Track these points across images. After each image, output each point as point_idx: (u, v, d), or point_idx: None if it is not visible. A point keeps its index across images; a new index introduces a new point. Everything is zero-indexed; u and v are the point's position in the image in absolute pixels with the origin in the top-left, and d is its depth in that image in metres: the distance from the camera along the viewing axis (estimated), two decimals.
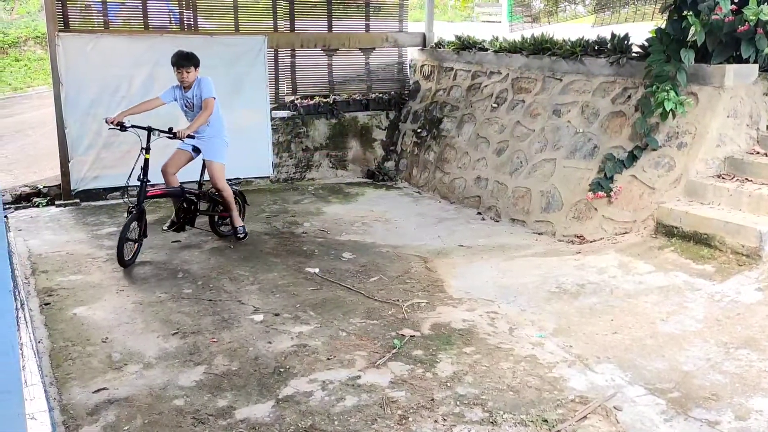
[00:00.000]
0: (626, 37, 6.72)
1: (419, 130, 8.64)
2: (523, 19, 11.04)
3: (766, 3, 5.49)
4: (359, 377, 3.66)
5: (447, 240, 6.27)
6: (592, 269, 5.16)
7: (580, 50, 6.96)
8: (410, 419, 3.27)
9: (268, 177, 8.30)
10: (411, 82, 9.24)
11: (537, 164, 6.83)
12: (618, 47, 6.70)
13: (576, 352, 3.95)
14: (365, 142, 8.99)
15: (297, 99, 8.70)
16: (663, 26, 6.02)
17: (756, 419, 3.26)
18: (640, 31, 6.78)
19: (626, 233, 5.75)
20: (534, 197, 6.68)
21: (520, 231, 6.53)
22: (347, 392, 3.51)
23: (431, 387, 3.55)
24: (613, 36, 6.84)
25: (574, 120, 6.71)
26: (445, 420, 3.26)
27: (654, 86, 5.79)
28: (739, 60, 5.74)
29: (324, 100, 8.80)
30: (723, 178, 5.62)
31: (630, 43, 6.67)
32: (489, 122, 7.67)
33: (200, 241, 6.00)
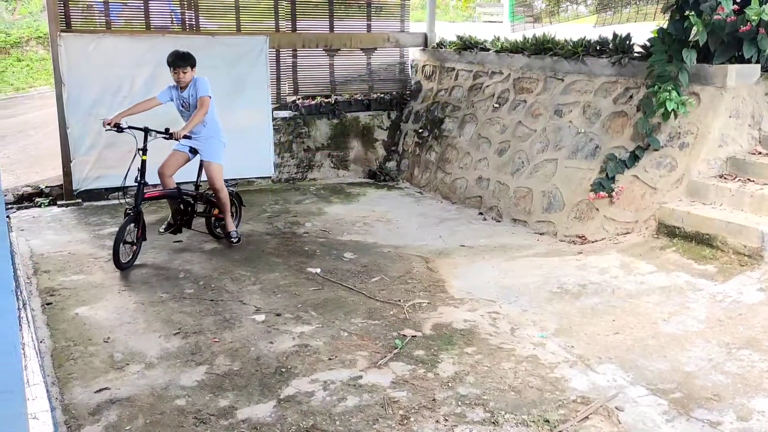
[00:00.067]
0: (628, 37, 6.71)
1: (421, 131, 8.64)
2: (525, 19, 11.05)
3: None
4: (361, 377, 3.66)
5: (448, 240, 6.27)
6: (594, 269, 5.16)
7: (582, 50, 6.95)
8: (412, 419, 3.27)
9: (270, 177, 8.31)
10: (412, 82, 9.24)
11: (538, 164, 6.83)
12: (620, 47, 6.70)
13: (577, 353, 3.95)
14: (367, 143, 8.99)
15: (298, 99, 8.71)
16: (665, 26, 6.01)
17: (758, 420, 3.26)
18: (642, 31, 6.78)
19: (628, 233, 5.74)
20: (535, 197, 6.67)
21: (522, 231, 6.53)
22: (349, 392, 3.51)
23: (433, 387, 3.55)
24: (615, 36, 6.83)
25: (576, 120, 6.71)
26: (447, 420, 3.26)
27: (656, 86, 5.78)
28: (741, 60, 5.74)
29: (325, 100, 8.80)
30: (725, 179, 5.61)
31: (632, 43, 6.67)
32: (490, 122, 7.67)
33: (202, 242, 6.00)
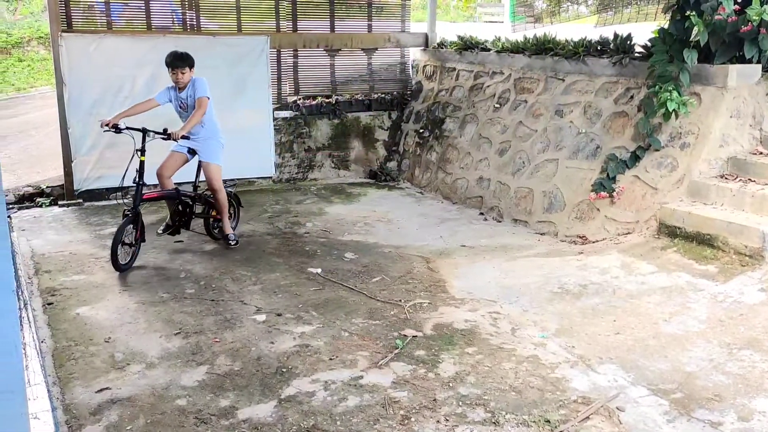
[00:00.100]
0: (629, 37, 6.71)
1: (421, 131, 8.64)
2: (526, 20, 11.04)
3: None
4: (361, 377, 3.66)
5: (449, 240, 6.27)
6: (595, 270, 5.16)
7: (583, 50, 6.95)
8: (412, 419, 3.27)
9: (271, 177, 8.31)
10: (413, 83, 9.24)
11: (539, 164, 6.83)
12: (621, 47, 6.69)
13: (578, 353, 3.95)
14: (367, 143, 8.99)
15: (299, 99, 8.71)
16: (666, 26, 6.01)
17: (759, 420, 3.26)
18: (643, 31, 6.78)
19: (629, 234, 5.74)
20: (536, 197, 6.67)
21: (523, 231, 6.53)
22: (349, 392, 3.51)
23: (433, 387, 3.55)
24: (616, 36, 6.83)
25: (577, 120, 6.70)
26: (448, 420, 3.26)
27: (657, 86, 5.78)
28: (742, 60, 5.73)
29: (326, 101, 8.80)
30: (726, 179, 5.61)
31: (633, 44, 6.66)
32: (491, 122, 7.67)
33: (202, 242, 6.01)
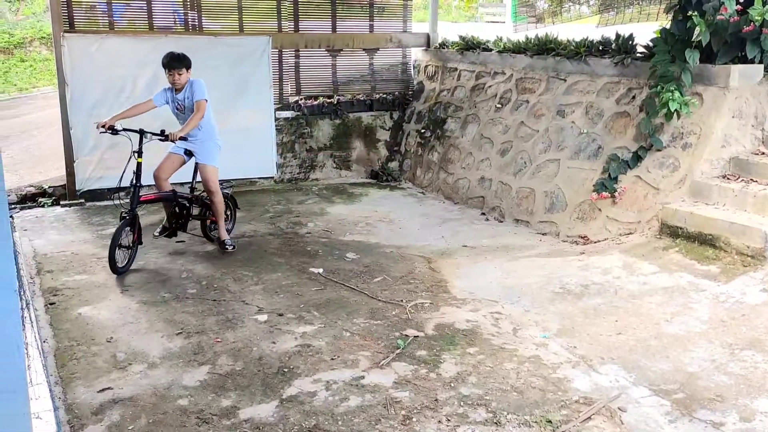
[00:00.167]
0: (631, 38, 6.70)
1: (423, 131, 8.64)
2: (528, 20, 11.02)
3: None
4: (363, 377, 3.66)
5: (451, 240, 6.27)
6: (597, 270, 5.15)
7: (585, 50, 6.94)
8: (414, 419, 3.27)
9: (272, 177, 8.31)
10: (415, 83, 9.23)
11: (541, 165, 6.82)
12: (622, 47, 6.69)
13: (580, 353, 3.95)
14: (369, 143, 8.99)
15: (301, 99, 8.71)
16: (668, 26, 6.01)
17: (761, 421, 3.25)
18: (645, 32, 6.77)
19: (630, 234, 5.74)
20: (538, 198, 6.67)
21: (524, 231, 6.53)
22: (351, 392, 3.51)
23: (435, 387, 3.55)
24: (618, 36, 6.82)
25: (579, 120, 6.70)
26: (449, 420, 3.26)
27: (659, 86, 5.78)
28: (745, 60, 5.73)
29: (328, 101, 8.80)
30: (728, 179, 5.60)
31: (634, 44, 6.66)
32: (493, 123, 7.67)
33: (204, 242, 6.00)
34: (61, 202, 7.28)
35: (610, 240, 5.79)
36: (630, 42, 6.68)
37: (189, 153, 5.60)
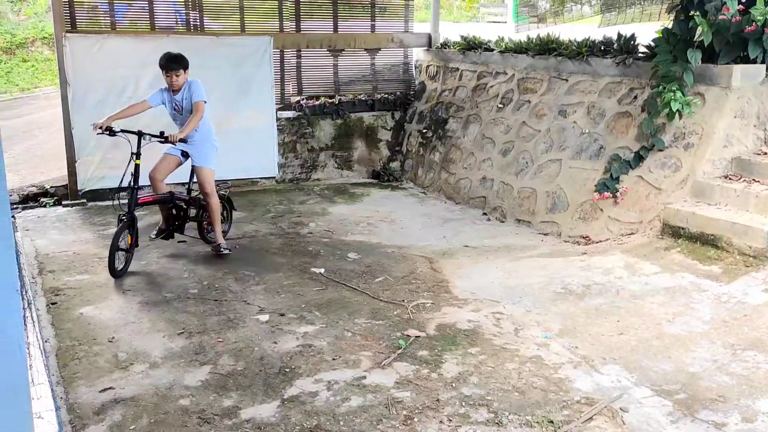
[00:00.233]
0: (632, 38, 6.69)
1: (425, 131, 8.63)
2: (529, 20, 11.02)
3: None
4: (364, 377, 3.66)
5: (452, 240, 6.26)
6: (598, 270, 5.15)
7: (586, 50, 6.94)
8: (415, 420, 3.26)
9: (274, 177, 8.31)
10: (416, 83, 9.23)
11: (543, 165, 6.82)
12: (624, 47, 6.68)
13: (582, 353, 3.94)
14: (370, 143, 8.99)
15: (303, 99, 8.72)
16: (670, 26, 6.00)
17: (763, 421, 3.25)
18: (647, 32, 6.76)
19: (632, 234, 5.73)
20: (539, 198, 6.66)
21: (526, 232, 6.52)
22: (352, 392, 3.51)
23: (436, 387, 3.55)
24: (620, 36, 6.82)
25: (580, 120, 6.69)
26: (451, 420, 3.26)
27: (660, 87, 5.77)
28: (747, 60, 5.72)
29: (329, 101, 8.81)
30: (730, 179, 5.59)
31: (636, 44, 6.65)
32: (494, 123, 7.66)
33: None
34: (63, 202, 7.29)
35: (612, 240, 5.79)
36: (632, 42, 6.68)
37: (185, 154, 5.50)
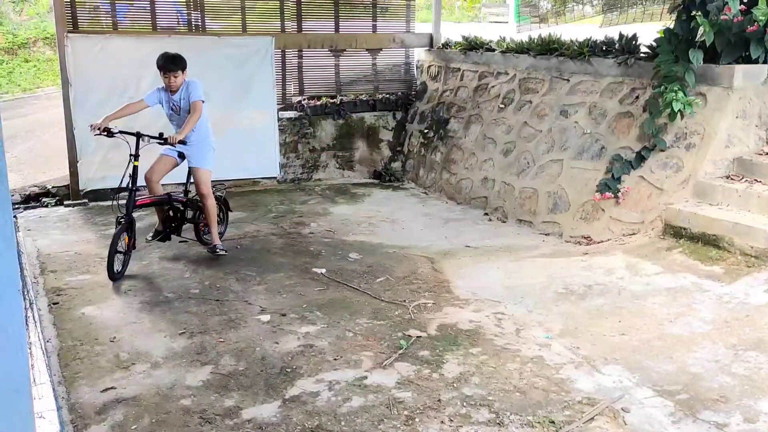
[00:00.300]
0: (634, 38, 6.69)
1: (426, 131, 8.63)
2: (531, 20, 11.02)
3: None
4: (366, 378, 3.66)
5: (454, 241, 6.26)
6: (600, 270, 5.14)
7: (588, 51, 6.93)
8: (417, 420, 3.26)
9: (275, 177, 8.31)
10: (418, 83, 9.23)
11: (544, 165, 6.81)
12: (626, 47, 6.68)
13: (583, 354, 3.94)
14: (372, 143, 8.99)
15: (304, 99, 8.72)
16: (671, 26, 5.99)
17: (765, 422, 3.24)
18: (648, 32, 6.75)
19: (634, 234, 5.73)
20: (541, 198, 6.66)
21: (527, 232, 6.52)
22: (354, 393, 3.51)
23: (438, 388, 3.55)
24: (621, 36, 6.81)
25: (582, 121, 6.69)
26: (452, 421, 3.26)
27: (662, 87, 5.76)
28: (748, 60, 5.71)
29: (331, 101, 8.80)
30: (732, 179, 5.59)
31: (638, 44, 6.64)
32: (496, 123, 7.66)
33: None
34: (65, 202, 7.30)
35: (614, 240, 5.78)
36: (633, 42, 6.67)
37: (182, 155, 5.44)
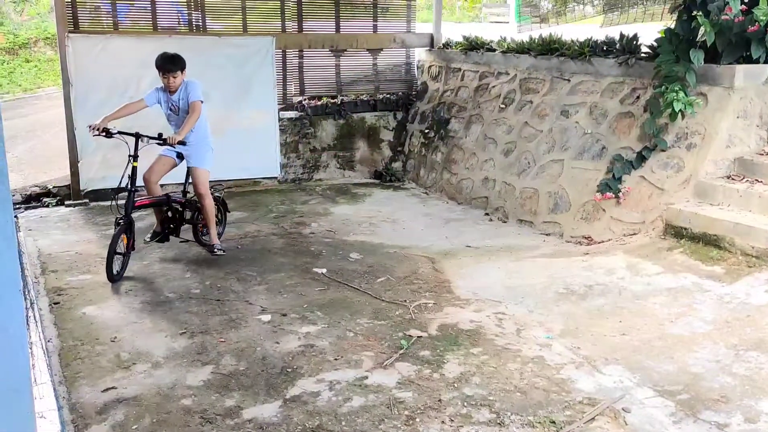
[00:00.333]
0: (635, 38, 6.69)
1: (427, 131, 8.63)
2: (531, 20, 11.02)
3: None
4: (366, 378, 3.66)
5: (454, 241, 6.26)
6: (600, 270, 5.14)
7: (589, 51, 6.93)
8: (417, 420, 3.26)
9: (276, 177, 8.31)
10: (418, 83, 9.23)
11: (545, 165, 6.81)
12: (627, 47, 6.67)
13: (584, 354, 3.94)
14: (373, 143, 9.00)
15: (305, 99, 8.72)
16: (672, 26, 5.99)
17: (766, 422, 3.24)
18: (649, 32, 6.75)
19: (635, 234, 5.72)
20: (542, 198, 6.66)
21: (528, 232, 6.52)
22: (354, 392, 3.51)
23: (438, 388, 3.55)
24: (622, 36, 6.81)
25: (583, 121, 6.69)
26: (453, 421, 3.26)
27: (663, 87, 5.76)
28: (749, 60, 5.70)
29: (332, 101, 8.81)
30: (733, 179, 5.58)
31: (639, 44, 6.64)
32: (497, 123, 7.66)
33: None
34: (66, 202, 7.30)
35: (614, 240, 5.78)
36: (634, 42, 6.67)
37: (181, 155, 5.43)
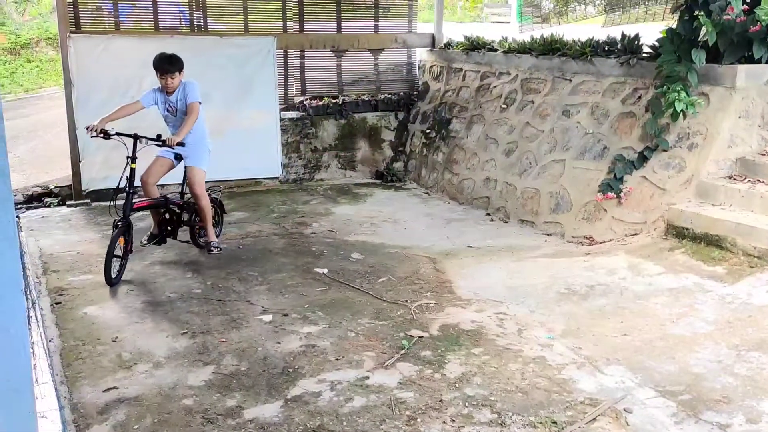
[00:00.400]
0: (637, 38, 6.68)
1: (428, 131, 8.63)
2: (533, 20, 11.03)
3: None
4: (368, 378, 3.66)
5: (455, 241, 6.26)
6: (602, 270, 5.14)
7: (590, 51, 6.92)
8: (418, 420, 3.26)
9: (278, 177, 8.32)
10: (420, 83, 9.23)
11: (546, 165, 6.81)
12: (628, 47, 6.67)
13: (585, 354, 3.93)
14: (374, 143, 9.00)
15: (306, 100, 8.72)
16: (674, 26, 5.98)
17: (767, 422, 3.24)
18: (651, 32, 6.75)
19: (636, 234, 5.72)
20: (543, 198, 6.65)
21: (529, 232, 6.51)
22: (356, 393, 3.51)
23: (440, 388, 3.55)
24: (624, 36, 6.80)
25: (584, 121, 6.68)
26: (454, 421, 3.26)
27: (665, 87, 5.76)
28: (751, 60, 5.70)
29: (333, 101, 8.81)
30: (734, 180, 5.58)
31: (640, 44, 6.64)
32: (498, 123, 7.66)
33: None
34: (67, 202, 7.31)
35: (616, 241, 5.78)
36: (636, 42, 6.66)
37: (178, 157, 5.41)
